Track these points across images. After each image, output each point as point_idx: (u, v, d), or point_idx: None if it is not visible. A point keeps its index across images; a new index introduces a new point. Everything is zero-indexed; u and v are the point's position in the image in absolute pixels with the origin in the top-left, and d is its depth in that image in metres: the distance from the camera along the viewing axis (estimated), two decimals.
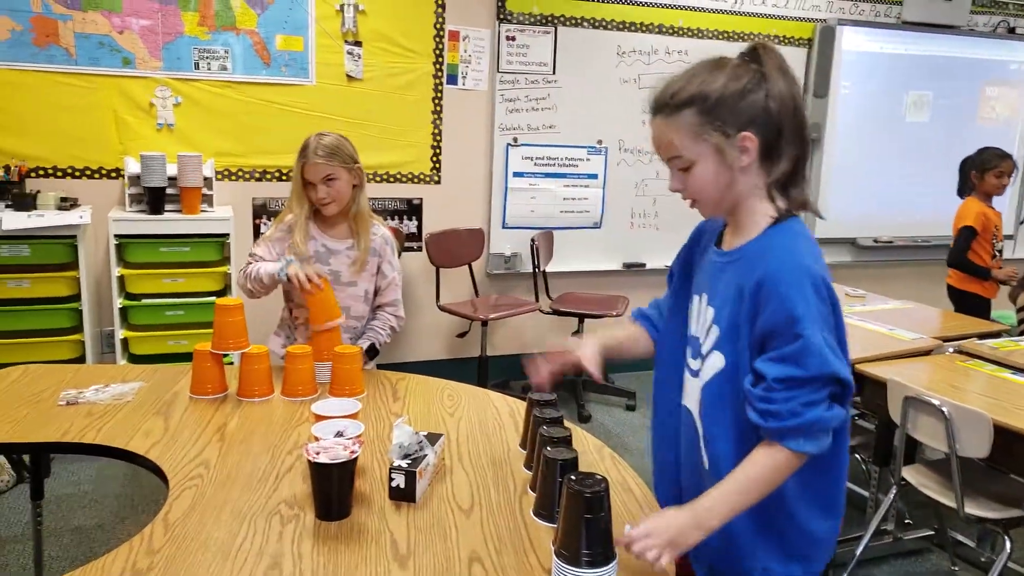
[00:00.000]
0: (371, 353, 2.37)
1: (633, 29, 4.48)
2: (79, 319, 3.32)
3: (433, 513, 1.47)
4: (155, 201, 3.45)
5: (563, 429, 1.55)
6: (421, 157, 4.24)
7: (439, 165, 4.29)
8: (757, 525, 1.27)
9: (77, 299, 3.31)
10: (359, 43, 3.98)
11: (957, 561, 2.88)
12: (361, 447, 1.46)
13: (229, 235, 3.51)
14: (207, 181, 3.56)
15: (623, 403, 4.31)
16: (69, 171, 3.64)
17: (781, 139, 1.24)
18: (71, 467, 3.25)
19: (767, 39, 4.74)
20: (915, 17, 5.05)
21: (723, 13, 4.65)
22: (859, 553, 2.65)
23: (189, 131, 3.77)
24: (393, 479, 1.49)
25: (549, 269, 4.48)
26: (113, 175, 3.69)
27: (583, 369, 1.49)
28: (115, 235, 3.35)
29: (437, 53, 4.15)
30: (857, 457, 3.13)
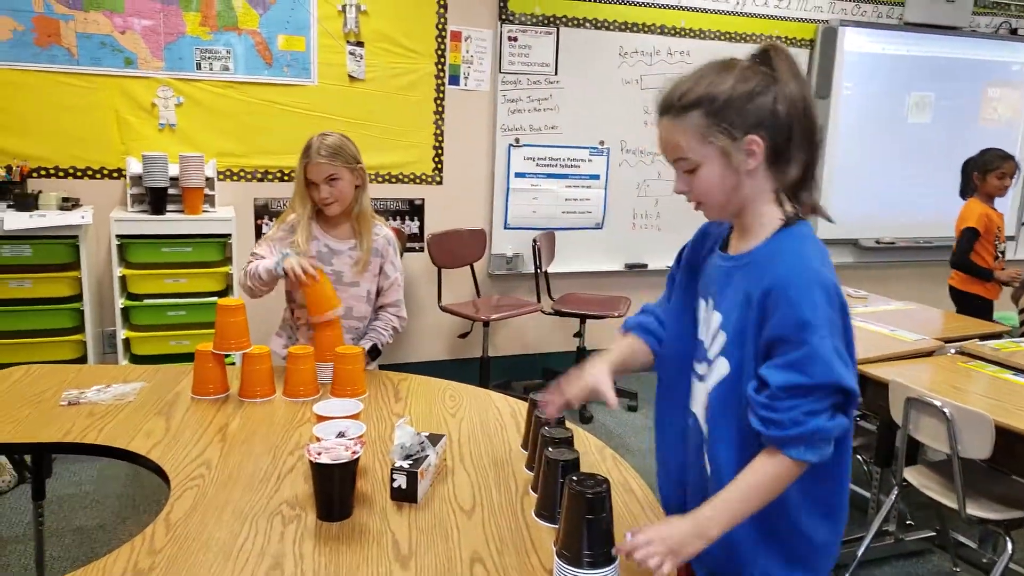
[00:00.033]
0: (373, 354, 2.37)
1: (635, 30, 4.48)
2: (81, 319, 3.32)
3: (435, 514, 1.47)
4: (157, 201, 3.46)
5: (565, 430, 1.56)
6: (423, 157, 4.24)
7: (441, 165, 4.29)
8: (759, 532, 1.27)
9: (79, 299, 3.31)
10: (361, 43, 3.99)
11: (959, 562, 2.88)
12: (363, 448, 1.46)
13: (231, 235, 3.51)
14: (209, 181, 3.57)
15: (625, 404, 4.30)
16: (71, 171, 3.64)
17: (790, 143, 1.22)
18: (73, 467, 3.25)
19: (769, 40, 4.73)
20: (917, 18, 5.05)
21: (725, 14, 4.65)
22: (860, 554, 2.65)
23: (191, 131, 3.77)
24: (395, 480, 1.49)
25: (551, 270, 4.48)
26: (115, 175, 3.70)
27: (598, 395, 1.42)
28: (117, 235, 3.35)
29: (439, 53, 4.16)
30: (859, 458, 3.13)
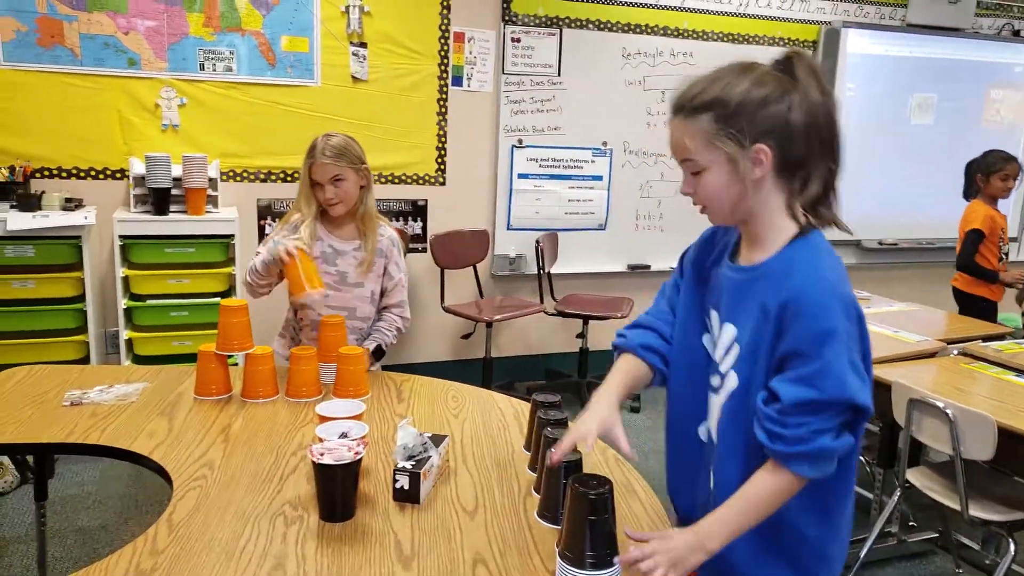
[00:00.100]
0: (377, 354, 2.37)
1: (638, 31, 4.48)
2: (83, 320, 3.32)
3: (437, 514, 1.47)
4: (160, 202, 3.46)
5: (567, 431, 1.55)
6: (426, 158, 4.25)
7: (444, 166, 4.29)
8: (763, 543, 1.26)
9: (82, 300, 3.31)
10: (364, 44, 3.99)
11: (961, 564, 2.87)
12: (365, 448, 1.46)
13: (234, 236, 3.52)
14: (212, 182, 3.57)
15: (627, 405, 4.30)
16: (74, 172, 3.64)
17: (807, 154, 1.19)
18: (75, 468, 3.26)
19: (771, 41, 4.74)
20: (920, 19, 5.05)
21: (728, 15, 4.65)
22: (863, 555, 2.65)
23: (194, 132, 3.78)
24: (397, 480, 1.49)
25: (554, 271, 4.47)
26: (118, 176, 3.70)
27: (610, 442, 1.34)
28: (120, 236, 3.36)
29: (442, 54, 4.16)
30: (861, 459, 3.12)
